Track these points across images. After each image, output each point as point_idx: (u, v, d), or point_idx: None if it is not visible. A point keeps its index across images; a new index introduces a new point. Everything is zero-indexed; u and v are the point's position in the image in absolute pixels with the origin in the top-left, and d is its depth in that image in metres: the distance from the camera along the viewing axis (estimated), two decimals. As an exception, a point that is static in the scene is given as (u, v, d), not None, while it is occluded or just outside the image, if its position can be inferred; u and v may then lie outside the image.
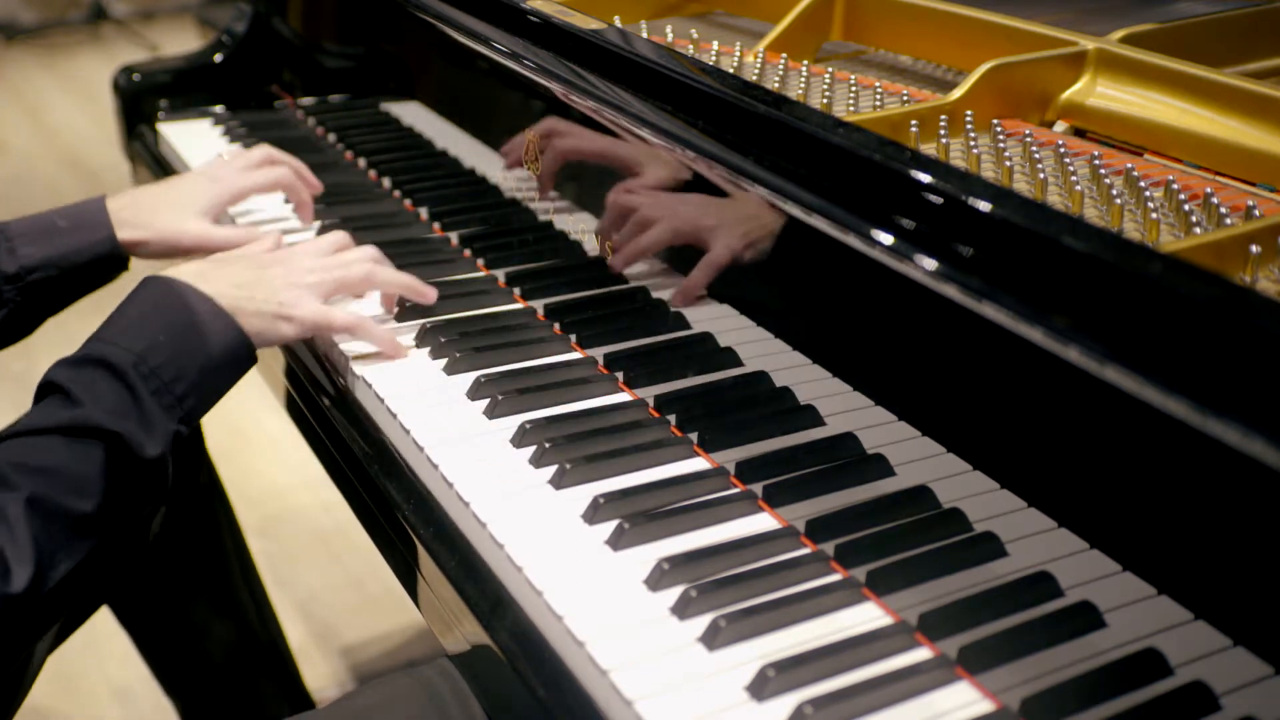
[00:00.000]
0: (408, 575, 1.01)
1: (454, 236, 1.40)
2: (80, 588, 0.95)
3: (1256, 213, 0.93)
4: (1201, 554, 0.75)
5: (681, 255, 1.14)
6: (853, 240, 0.87)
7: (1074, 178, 1.00)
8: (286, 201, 1.51)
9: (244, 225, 1.44)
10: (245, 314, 1.07)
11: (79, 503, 0.94)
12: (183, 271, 1.09)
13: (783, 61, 1.27)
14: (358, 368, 1.14)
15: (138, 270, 1.32)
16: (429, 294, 1.20)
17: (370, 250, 1.20)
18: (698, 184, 1.06)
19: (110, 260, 1.29)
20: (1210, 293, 0.69)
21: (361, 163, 1.63)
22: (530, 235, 1.33)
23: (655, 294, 1.17)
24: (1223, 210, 0.93)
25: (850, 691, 0.75)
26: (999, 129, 1.10)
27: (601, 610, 0.83)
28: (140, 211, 1.30)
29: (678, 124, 1.04)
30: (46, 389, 1.00)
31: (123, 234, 1.29)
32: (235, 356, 1.06)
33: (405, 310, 1.22)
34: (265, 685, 1.68)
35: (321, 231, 1.42)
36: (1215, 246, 0.85)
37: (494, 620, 0.87)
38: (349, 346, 1.17)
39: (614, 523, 0.90)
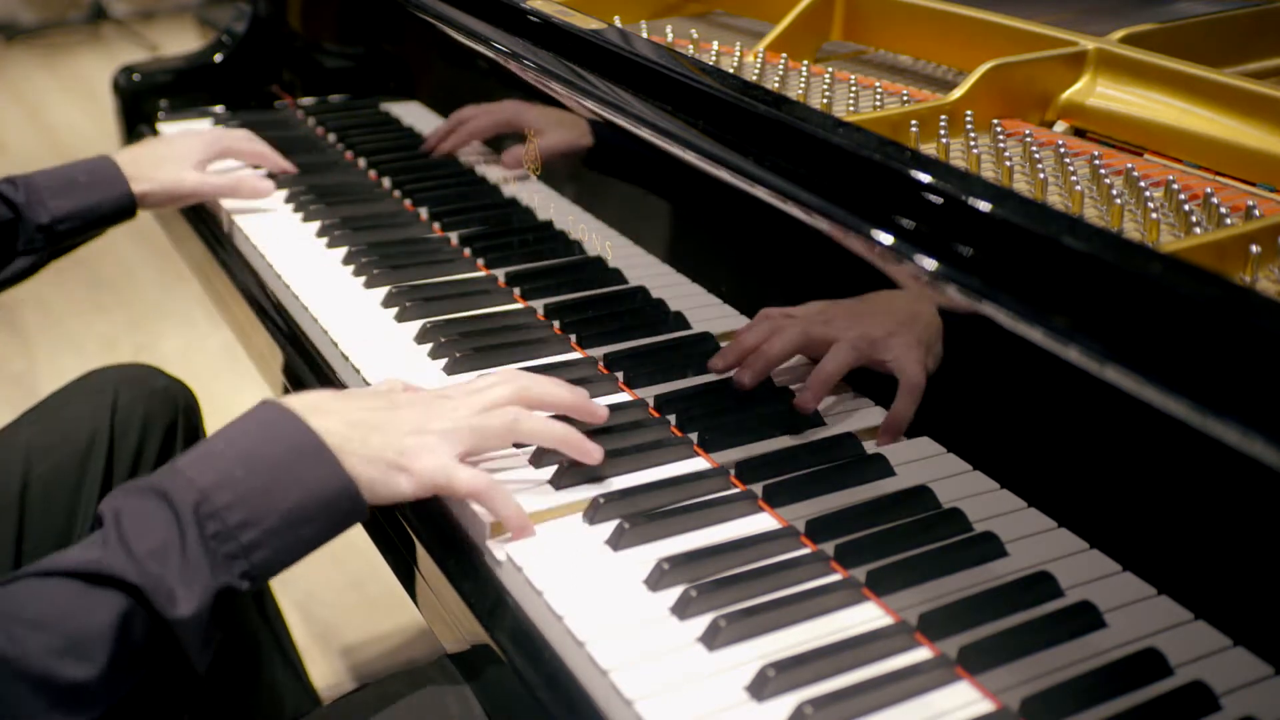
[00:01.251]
0: (408, 575, 1.01)
1: (454, 236, 1.40)
2: None
3: (1256, 213, 0.93)
4: (1201, 554, 0.75)
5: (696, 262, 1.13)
6: (853, 240, 0.87)
7: (1074, 178, 1.00)
8: (287, 201, 1.52)
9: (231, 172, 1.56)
10: (353, 457, 0.88)
11: (73, 667, 0.77)
12: (299, 400, 0.91)
13: (783, 61, 1.27)
14: (354, 359, 1.14)
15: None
16: (593, 453, 0.96)
17: (511, 385, 0.97)
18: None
19: (124, 211, 1.45)
20: (1210, 293, 0.69)
21: (361, 163, 1.63)
22: (530, 235, 1.33)
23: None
24: (1223, 210, 0.93)
25: (850, 691, 0.75)
26: (999, 129, 1.10)
27: (601, 610, 0.83)
28: (143, 167, 1.47)
29: (678, 124, 1.04)
30: (99, 519, 0.84)
31: (134, 187, 1.45)
32: (334, 505, 0.87)
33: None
34: (269, 683, 1.68)
35: (322, 234, 1.43)
36: (1215, 246, 0.85)
37: (494, 620, 0.87)
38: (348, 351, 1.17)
39: (614, 523, 0.90)
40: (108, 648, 0.78)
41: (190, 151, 1.52)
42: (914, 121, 1.07)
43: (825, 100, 1.17)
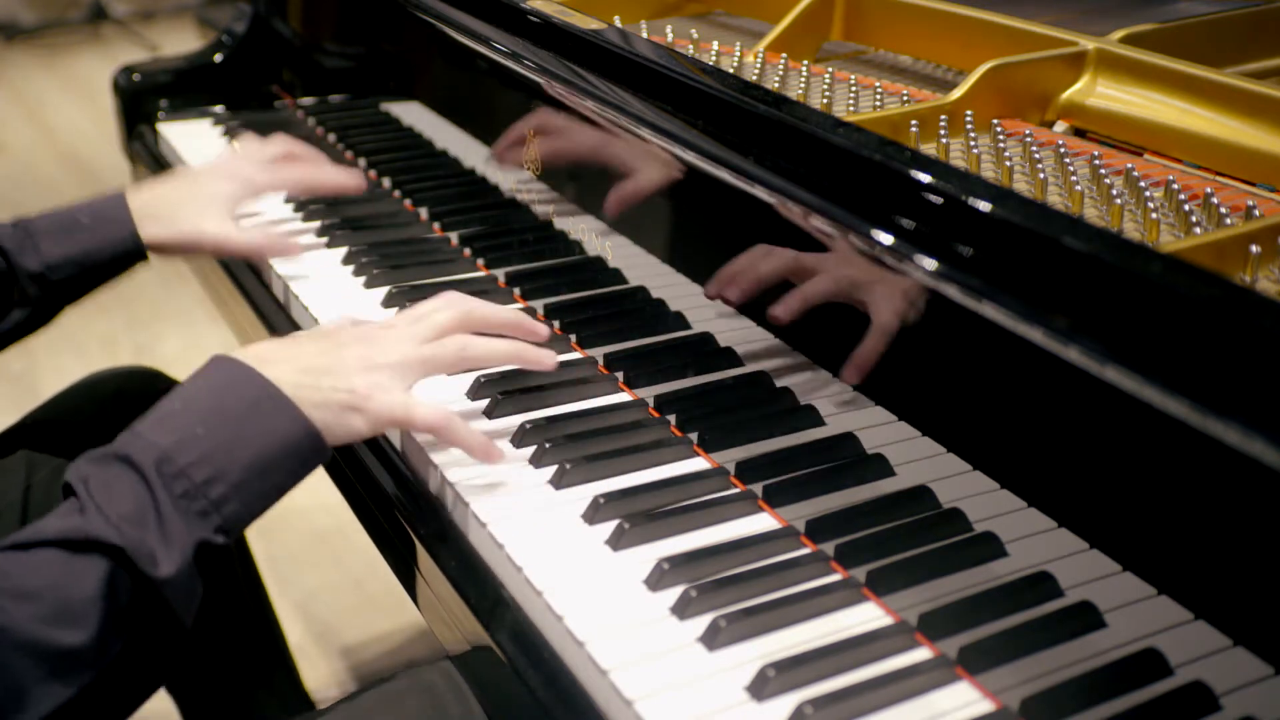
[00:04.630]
0: (407, 575, 1.01)
1: (454, 236, 1.40)
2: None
3: (1256, 213, 0.93)
4: (1201, 554, 0.75)
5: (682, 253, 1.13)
6: (853, 240, 0.87)
7: (1074, 178, 1.00)
8: (287, 202, 1.51)
9: (260, 227, 1.44)
10: (308, 403, 0.89)
11: (65, 634, 0.78)
12: (250, 352, 0.93)
13: (783, 61, 1.27)
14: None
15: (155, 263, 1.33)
16: (545, 360, 1.00)
17: (454, 309, 0.99)
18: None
19: (131, 256, 1.29)
20: (1210, 293, 0.69)
21: (362, 163, 1.63)
22: (530, 235, 1.33)
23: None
24: (1223, 210, 0.93)
25: (850, 691, 0.75)
26: (999, 129, 1.10)
27: (601, 610, 0.83)
28: (162, 210, 1.29)
29: (678, 124, 1.04)
30: (66, 489, 0.85)
31: (144, 231, 1.28)
32: (295, 451, 0.88)
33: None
34: (265, 686, 1.68)
35: (322, 233, 1.42)
36: (1215, 246, 0.85)
37: (494, 620, 0.87)
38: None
39: (614, 523, 0.90)
40: (98, 611, 0.79)
41: (217, 197, 1.31)
42: (914, 121, 1.07)
43: (825, 100, 1.17)
